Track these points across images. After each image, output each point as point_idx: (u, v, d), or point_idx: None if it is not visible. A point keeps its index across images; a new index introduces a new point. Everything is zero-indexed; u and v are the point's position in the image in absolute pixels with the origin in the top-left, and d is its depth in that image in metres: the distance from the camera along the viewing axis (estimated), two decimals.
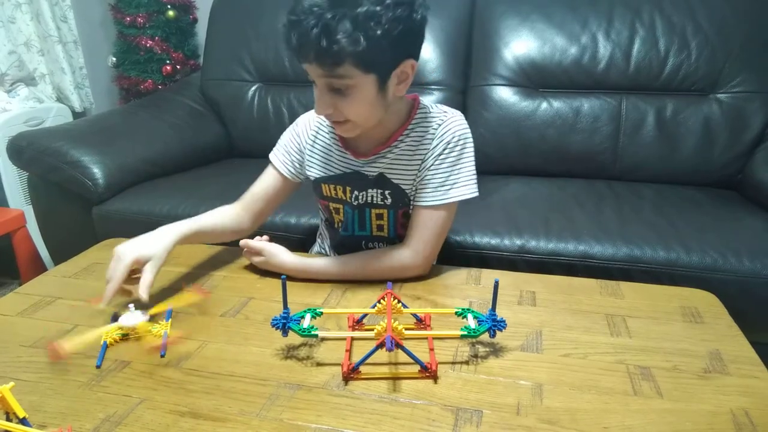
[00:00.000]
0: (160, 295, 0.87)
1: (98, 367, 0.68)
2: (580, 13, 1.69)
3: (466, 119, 0.92)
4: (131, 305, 0.75)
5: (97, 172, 1.48)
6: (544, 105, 1.69)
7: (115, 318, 0.77)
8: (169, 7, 2.21)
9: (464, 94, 1.79)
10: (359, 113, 0.82)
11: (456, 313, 0.76)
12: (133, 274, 0.81)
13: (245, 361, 0.70)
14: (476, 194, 0.91)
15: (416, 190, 0.92)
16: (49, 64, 2.15)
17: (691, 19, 1.62)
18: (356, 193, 0.95)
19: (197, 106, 1.98)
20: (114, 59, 2.33)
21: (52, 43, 2.10)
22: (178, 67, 2.26)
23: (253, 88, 1.95)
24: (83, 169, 1.48)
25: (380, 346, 0.64)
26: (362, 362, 0.67)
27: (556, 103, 1.69)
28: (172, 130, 1.80)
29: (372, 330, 0.69)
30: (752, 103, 1.58)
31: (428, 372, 0.67)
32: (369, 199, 0.95)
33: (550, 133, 1.67)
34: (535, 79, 1.71)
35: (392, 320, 0.68)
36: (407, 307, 0.77)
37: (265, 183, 1.02)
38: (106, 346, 0.72)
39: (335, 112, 0.82)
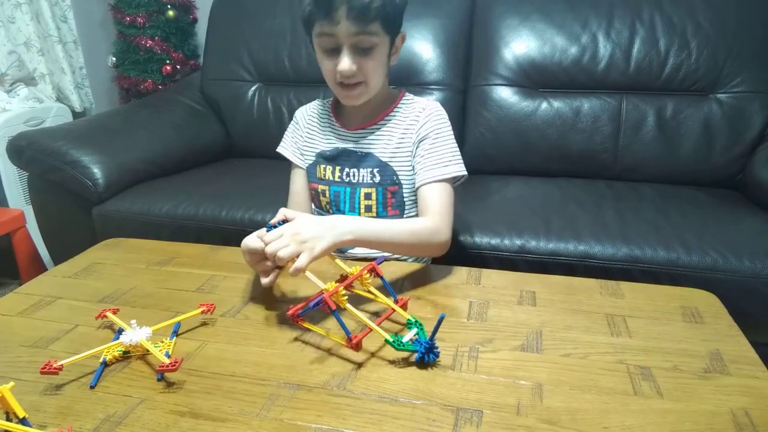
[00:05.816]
0: (163, 305, 0.86)
1: (92, 387, 0.65)
2: (580, 13, 1.69)
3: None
4: (133, 321, 0.73)
5: (96, 172, 1.48)
6: (544, 105, 1.69)
7: (117, 334, 0.74)
8: (169, 7, 2.21)
9: (464, 94, 1.78)
10: (376, 72, 0.93)
11: (407, 322, 0.74)
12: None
13: (245, 361, 0.70)
14: (466, 173, 0.99)
15: (417, 170, 0.99)
16: (49, 64, 2.15)
17: (691, 19, 1.62)
18: (347, 170, 1.00)
19: (197, 106, 1.98)
20: (114, 59, 2.33)
21: (52, 43, 2.11)
22: (178, 67, 2.27)
23: (253, 88, 1.95)
24: (83, 169, 1.48)
25: (319, 302, 0.71)
26: (306, 311, 0.74)
27: (556, 103, 1.69)
28: (172, 130, 1.80)
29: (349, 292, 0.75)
30: (752, 103, 1.58)
31: (350, 343, 0.70)
32: (360, 178, 1.00)
33: (550, 133, 1.67)
34: (535, 79, 1.71)
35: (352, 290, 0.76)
36: (385, 282, 0.79)
37: (296, 180, 1.09)
38: (105, 364, 0.69)
39: (358, 72, 0.90)
